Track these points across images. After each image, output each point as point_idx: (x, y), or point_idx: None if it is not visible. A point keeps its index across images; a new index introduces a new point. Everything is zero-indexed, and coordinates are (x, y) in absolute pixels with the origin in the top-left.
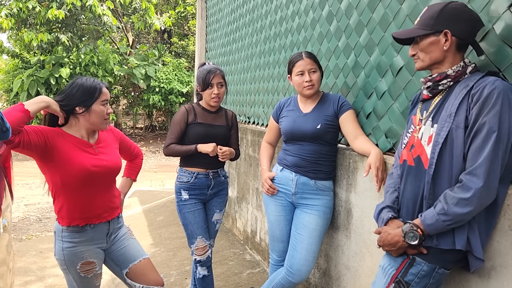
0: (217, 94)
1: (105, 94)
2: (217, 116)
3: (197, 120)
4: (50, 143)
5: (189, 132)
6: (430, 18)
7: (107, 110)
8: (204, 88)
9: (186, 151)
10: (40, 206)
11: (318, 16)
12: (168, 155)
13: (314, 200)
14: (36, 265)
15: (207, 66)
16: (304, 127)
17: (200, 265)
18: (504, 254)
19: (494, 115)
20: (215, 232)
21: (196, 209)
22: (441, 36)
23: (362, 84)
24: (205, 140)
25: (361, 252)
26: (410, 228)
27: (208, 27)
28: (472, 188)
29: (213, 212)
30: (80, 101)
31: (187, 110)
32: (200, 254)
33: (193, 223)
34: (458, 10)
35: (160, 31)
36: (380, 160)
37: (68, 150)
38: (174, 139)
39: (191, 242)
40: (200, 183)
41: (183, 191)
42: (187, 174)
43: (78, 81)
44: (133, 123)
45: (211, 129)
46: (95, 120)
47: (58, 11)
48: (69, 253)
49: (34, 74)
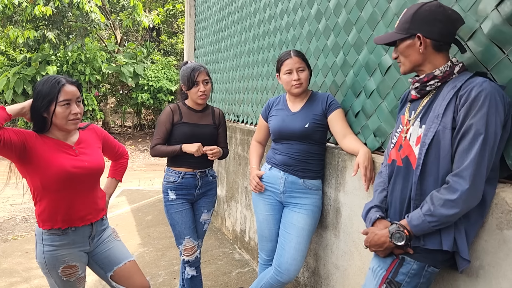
0: (203, 91)
1: (66, 93)
2: (204, 115)
3: (183, 120)
4: (28, 145)
5: (175, 132)
6: (405, 21)
7: (70, 111)
8: (190, 86)
9: (172, 151)
10: (26, 206)
11: (307, 15)
12: (154, 156)
13: (303, 199)
14: (21, 266)
15: (190, 64)
16: (292, 126)
17: (188, 265)
18: (492, 253)
19: (481, 117)
20: (203, 233)
21: (183, 209)
22: (416, 39)
23: (351, 83)
24: (191, 140)
25: (350, 251)
26: (396, 229)
27: (196, 25)
28: (458, 190)
29: (201, 212)
30: (43, 108)
31: (172, 110)
32: (188, 254)
33: (181, 223)
34: (431, 11)
35: (148, 29)
36: (369, 159)
37: (47, 152)
38: (160, 139)
39: (179, 243)
40: (187, 183)
41: (170, 191)
42: (174, 174)
43: (38, 87)
44: (122, 122)
45: (197, 129)
46: (59, 122)
47: (45, 7)
48: (50, 257)
49: (20, 72)
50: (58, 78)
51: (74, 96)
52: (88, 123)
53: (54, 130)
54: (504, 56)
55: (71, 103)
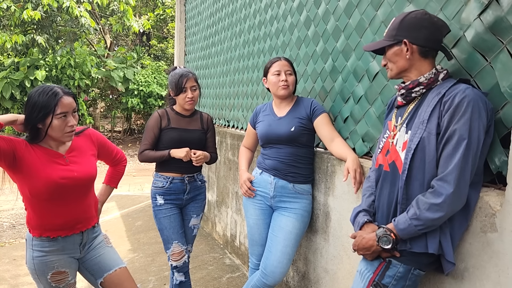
0: (191, 97)
1: (63, 106)
2: (192, 120)
3: (171, 125)
4: (18, 154)
5: (163, 138)
6: (393, 29)
7: (67, 123)
8: (178, 92)
9: (160, 156)
10: (13, 212)
11: (296, 21)
12: (142, 161)
13: (293, 204)
14: (9, 273)
15: (179, 70)
16: (278, 130)
17: (176, 270)
18: (476, 256)
19: (464, 123)
20: (193, 238)
21: (171, 214)
22: (403, 45)
23: (340, 88)
24: (180, 145)
25: (340, 255)
26: (383, 233)
27: (187, 30)
28: (443, 194)
29: (190, 217)
30: (38, 119)
31: (160, 116)
32: (176, 259)
33: (169, 228)
34: (417, 18)
35: (139, 34)
36: (358, 164)
37: (36, 162)
38: (148, 145)
39: (167, 248)
40: (176, 188)
41: (159, 196)
42: (162, 179)
43: (33, 98)
44: (111, 126)
45: (186, 134)
46: (55, 134)
47: (33, 12)
48: (39, 263)
49: (8, 76)
50: (55, 89)
51: (71, 108)
52: (85, 128)
53: (47, 139)
54: (487, 63)
55: (68, 115)
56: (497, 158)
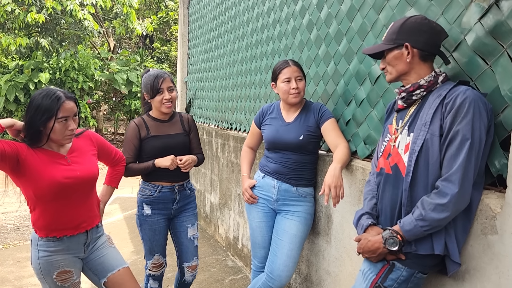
0: (168, 99)
1: (65, 110)
2: (172, 124)
3: (151, 133)
4: (21, 157)
5: (145, 147)
6: (392, 33)
7: (67, 127)
8: (154, 94)
9: (144, 168)
10: (17, 214)
11: (299, 25)
12: (127, 176)
13: (296, 207)
14: (13, 274)
15: (153, 71)
16: (286, 138)
17: (152, 278)
18: (477, 258)
19: (467, 123)
20: (196, 249)
21: (157, 227)
22: (403, 49)
23: (342, 91)
24: (164, 153)
25: (341, 257)
26: (390, 235)
27: (190, 33)
28: (448, 194)
29: (185, 228)
30: (40, 123)
31: (137, 125)
32: (155, 270)
33: (153, 240)
34: (417, 23)
35: (142, 36)
36: (336, 177)
37: (38, 164)
38: (130, 158)
39: (148, 258)
40: (164, 197)
41: (146, 205)
42: (150, 187)
43: (36, 101)
44: (114, 129)
45: (168, 140)
46: (55, 137)
47: (38, 15)
48: (45, 262)
49: (12, 79)
50: (57, 94)
51: (72, 112)
52: (84, 130)
53: (47, 141)
54: (487, 67)
55: (69, 119)
56: (497, 161)
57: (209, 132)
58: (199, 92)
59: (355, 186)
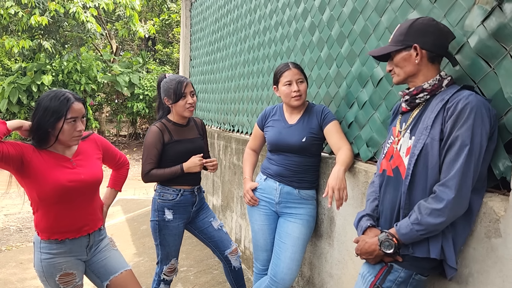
0: (191, 103)
1: (74, 111)
2: (190, 128)
3: (174, 138)
4: (25, 159)
5: (169, 152)
6: (400, 34)
7: (76, 128)
8: (177, 99)
9: (171, 174)
10: (20, 216)
11: (301, 27)
12: (148, 182)
13: (298, 209)
14: (16, 276)
15: (172, 76)
16: (289, 140)
17: (164, 283)
18: (481, 261)
19: (467, 129)
20: (227, 235)
21: (177, 232)
22: (412, 51)
23: (344, 94)
24: (186, 157)
25: (344, 260)
26: (385, 237)
27: (192, 35)
28: (445, 199)
29: (209, 224)
30: (49, 124)
31: (160, 130)
32: (169, 275)
33: (172, 245)
34: (425, 24)
35: (144, 39)
36: (340, 180)
37: (43, 166)
38: (153, 163)
39: (164, 263)
40: (186, 201)
41: (167, 210)
42: (172, 191)
43: (45, 102)
44: (117, 131)
45: (190, 144)
46: (64, 138)
47: (41, 17)
48: (47, 265)
49: (15, 81)
50: (66, 95)
51: (81, 113)
52: (90, 133)
53: (54, 143)
54: (490, 69)
55: (77, 120)
56: (501, 164)
57: (211, 134)
58: (201, 94)
59: (357, 189)
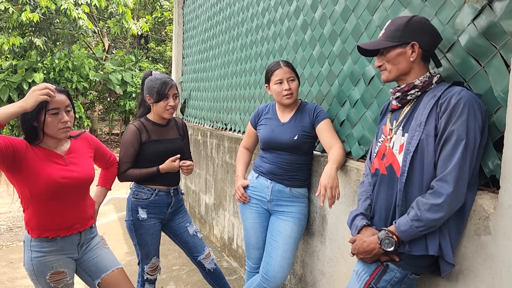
0: (173, 105)
1: (54, 102)
2: (169, 128)
3: (152, 137)
4: (18, 154)
5: (145, 152)
6: (396, 30)
7: (60, 119)
8: (159, 99)
9: (147, 175)
10: (11, 215)
11: (293, 25)
12: (123, 181)
13: (289, 207)
14: (6, 276)
15: (158, 76)
16: (281, 138)
17: (148, 283)
18: (471, 258)
19: (461, 123)
20: (202, 241)
21: (154, 231)
22: (408, 48)
23: (336, 92)
24: (164, 158)
25: (336, 258)
26: (386, 235)
27: (185, 33)
28: (443, 194)
29: (185, 229)
30: (32, 117)
31: (138, 129)
32: (152, 274)
33: (150, 244)
34: (422, 23)
35: (137, 36)
36: (332, 178)
37: (36, 162)
38: (129, 163)
39: (144, 263)
40: (160, 201)
41: (141, 209)
42: (146, 190)
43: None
44: (109, 129)
45: (168, 144)
46: (49, 131)
47: (32, 14)
48: (38, 263)
49: (6, 79)
50: None
51: (63, 104)
52: (81, 132)
53: (45, 139)
54: (480, 68)
55: (60, 112)
56: (491, 162)
57: (203, 132)
58: (194, 92)
59: (349, 187)
